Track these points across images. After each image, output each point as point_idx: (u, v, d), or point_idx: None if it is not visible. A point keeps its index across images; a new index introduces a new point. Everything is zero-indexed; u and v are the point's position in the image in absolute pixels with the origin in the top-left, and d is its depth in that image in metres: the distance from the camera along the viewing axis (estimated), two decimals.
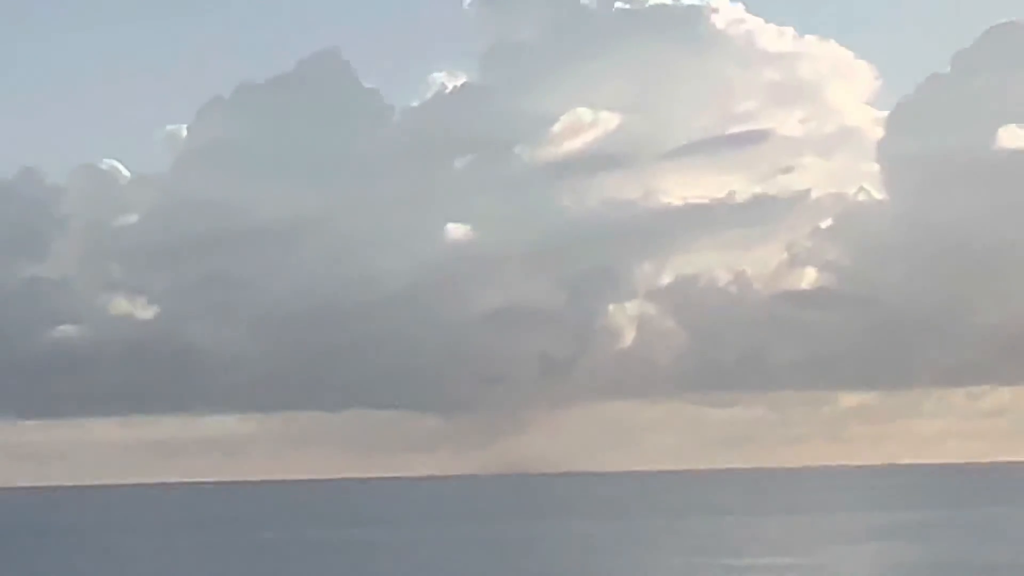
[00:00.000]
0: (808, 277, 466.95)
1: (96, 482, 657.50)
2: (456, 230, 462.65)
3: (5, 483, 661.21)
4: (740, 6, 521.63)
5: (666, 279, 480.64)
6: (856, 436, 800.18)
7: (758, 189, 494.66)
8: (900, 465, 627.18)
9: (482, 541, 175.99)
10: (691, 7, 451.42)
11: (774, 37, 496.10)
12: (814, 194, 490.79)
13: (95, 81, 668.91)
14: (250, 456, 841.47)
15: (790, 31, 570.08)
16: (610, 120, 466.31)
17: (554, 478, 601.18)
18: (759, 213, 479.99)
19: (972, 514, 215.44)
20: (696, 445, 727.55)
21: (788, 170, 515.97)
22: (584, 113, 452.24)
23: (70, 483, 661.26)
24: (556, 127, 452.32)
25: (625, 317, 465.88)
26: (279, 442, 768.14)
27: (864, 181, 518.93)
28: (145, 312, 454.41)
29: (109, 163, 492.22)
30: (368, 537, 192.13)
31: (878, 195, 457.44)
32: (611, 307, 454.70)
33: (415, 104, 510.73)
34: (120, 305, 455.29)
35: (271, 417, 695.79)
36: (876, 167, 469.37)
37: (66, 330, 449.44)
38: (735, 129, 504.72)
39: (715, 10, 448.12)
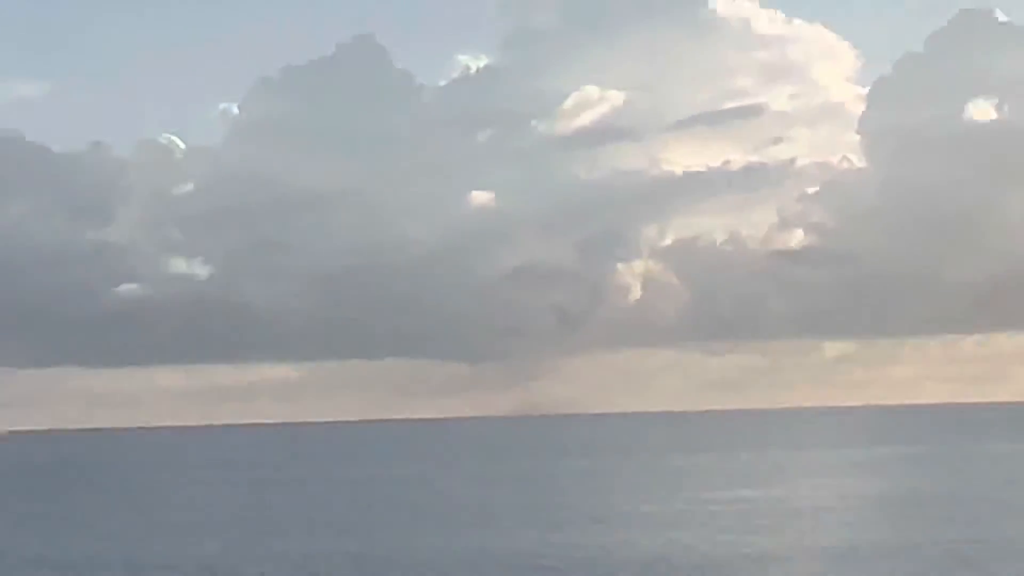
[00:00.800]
0: (796, 237, 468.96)
1: (160, 424, 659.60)
2: (479, 197, 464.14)
3: (79, 425, 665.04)
4: None
5: (668, 240, 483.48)
6: (839, 381, 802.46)
7: (751, 158, 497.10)
8: (879, 406, 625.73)
9: (502, 476, 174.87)
10: None
11: (766, 21, 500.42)
12: (801, 162, 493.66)
13: (155, 64, 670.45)
14: (297, 400, 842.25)
15: (780, 15, 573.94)
16: (617, 97, 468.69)
17: (568, 419, 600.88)
18: (752, 180, 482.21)
19: (942, 450, 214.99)
20: (696, 389, 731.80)
21: (778, 141, 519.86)
22: (592, 91, 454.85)
23: (137, 425, 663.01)
24: (568, 103, 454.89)
25: (632, 274, 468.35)
26: (322, 388, 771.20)
27: (847, 151, 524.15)
28: (201, 271, 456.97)
29: (168, 138, 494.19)
30: (403, 473, 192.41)
31: (859, 163, 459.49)
32: (619, 265, 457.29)
33: (442, 83, 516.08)
34: (179, 265, 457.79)
35: (316, 365, 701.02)
36: (857, 138, 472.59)
37: (131, 288, 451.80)
38: (730, 104, 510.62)
39: None
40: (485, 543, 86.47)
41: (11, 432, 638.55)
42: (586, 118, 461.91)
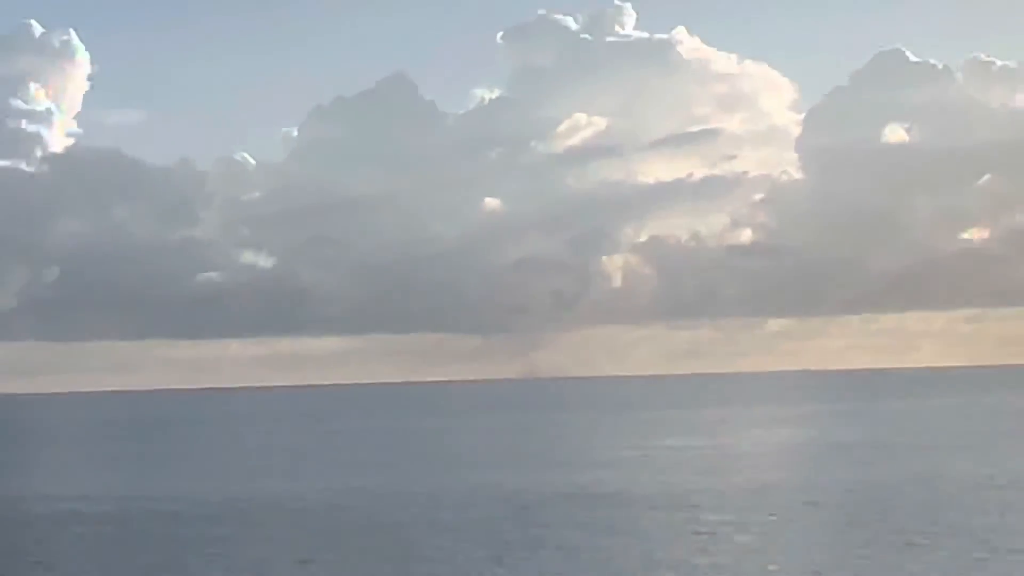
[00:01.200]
0: (745, 235, 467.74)
1: (233, 385, 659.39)
2: (490, 203, 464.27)
3: (168, 387, 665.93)
4: (697, 39, 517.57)
5: (643, 237, 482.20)
6: (780, 350, 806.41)
7: (710, 172, 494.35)
8: (812, 371, 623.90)
9: (508, 428, 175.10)
10: (662, 40, 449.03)
11: (722, 62, 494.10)
12: (750, 175, 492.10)
13: (231, 95, 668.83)
14: (345, 366, 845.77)
15: (734, 57, 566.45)
16: (600, 122, 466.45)
17: (562, 381, 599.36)
18: (710, 189, 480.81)
19: (862, 407, 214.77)
20: (664, 357, 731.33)
21: (731, 158, 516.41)
22: (581, 117, 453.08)
23: (214, 386, 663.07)
24: (562, 127, 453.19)
25: (614, 265, 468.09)
26: (364, 356, 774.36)
27: (787, 166, 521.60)
28: (266, 262, 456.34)
29: (241, 155, 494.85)
30: (429, 425, 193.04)
31: (797, 176, 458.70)
32: (604, 258, 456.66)
33: (461, 112, 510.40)
34: (248, 257, 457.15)
35: (359, 338, 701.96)
36: (795, 155, 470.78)
37: (209, 276, 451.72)
38: (693, 128, 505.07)
39: (680, 42, 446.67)
40: (491, 479, 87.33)
41: (113, 391, 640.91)
42: (577, 139, 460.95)
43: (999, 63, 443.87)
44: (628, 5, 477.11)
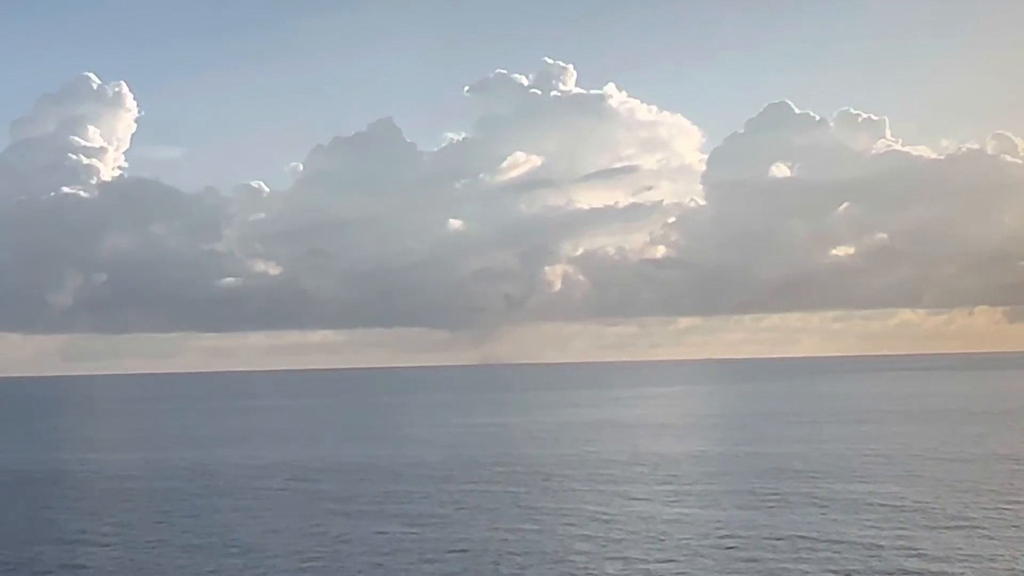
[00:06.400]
0: (660, 251, 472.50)
1: (249, 369, 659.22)
2: (455, 223, 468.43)
3: (195, 370, 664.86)
4: (625, 93, 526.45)
5: (579, 251, 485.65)
6: (688, 343, 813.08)
7: (632, 200, 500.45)
8: (714, 360, 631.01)
9: (471, 402, 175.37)
10: (596, 94, 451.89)
11: (644, 111, 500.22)
12: (664, 203, 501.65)
13: (249, 136, 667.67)
14: (338, 354, 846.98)
15: (654, 108, 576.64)
16: (545, 160, 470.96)
17: (514, 367, 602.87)
18: (632, 214, 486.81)
19: (751, 387, 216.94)
20: (595, 348, 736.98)
21: (650, 189, 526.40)
22: (532, 156, 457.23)
23: (234, 370, 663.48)
24: (515, 163, 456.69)
25: (555, 274, 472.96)
26: (355, 346, 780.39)
27: (694, 196, 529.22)
28: (274, 270, 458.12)
29: (257, 183, 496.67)
30: (408, 401, 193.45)
31: (702, 203, 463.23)
32: (547, 268, 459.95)
33: (435, 151, 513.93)
34: (259, 266, 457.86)
35: (350, 331, 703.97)
36: (701, 187, 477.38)
37: (229, 281, 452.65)
38: (619, 165, 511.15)
39: (610, 96, 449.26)
40: (456, 443, 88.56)
41: (152, 374, 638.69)
42: (525, 172, 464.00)
43: (863, 116, 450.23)
44: (570, 66, 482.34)
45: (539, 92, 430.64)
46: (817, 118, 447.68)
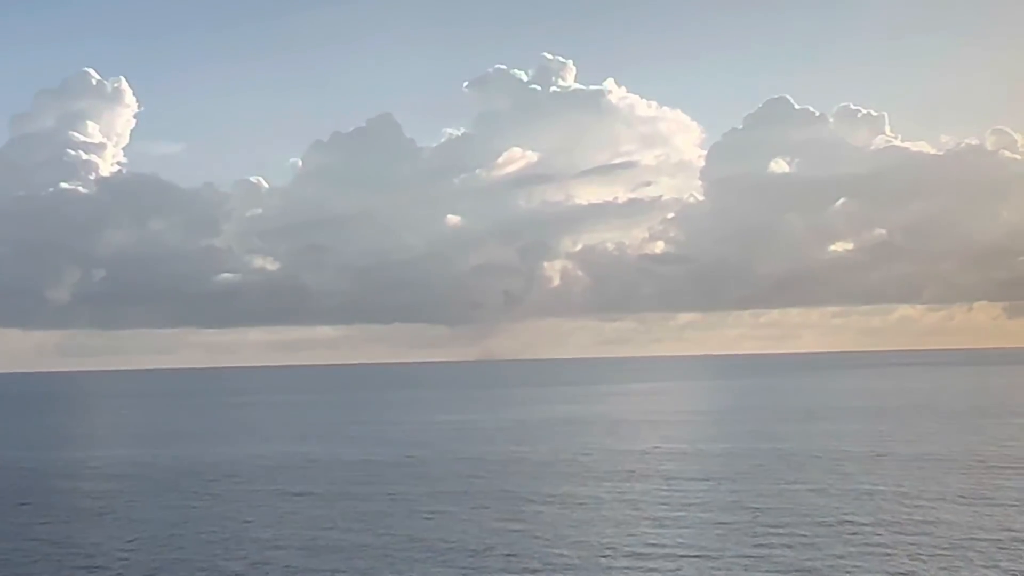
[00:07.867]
0: (660, 246, 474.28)
1: (248, 364, 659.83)
2: (454, 218, 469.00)
3: (197, 365, 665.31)
4: (624, 89, 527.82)
5: (578, 247, 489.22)
6: (687, 338, 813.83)
7: (631, 195, 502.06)
8: (714, 355, 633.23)
9: (469, 397, 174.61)
10: (596, 89, 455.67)
11: (644, 107, 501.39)
12: (664, 198, 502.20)
13: (248, 131, 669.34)
14: (336, 349, 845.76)
15: (654, 103, 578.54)
16: (545, 156, 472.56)
17: (512, 362, 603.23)
18: (632, 209, 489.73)
19: (747, 383, 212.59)
20: (594, 344, 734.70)
21: (649, 184, 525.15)
22: (530, 152, 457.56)
23: (235, 365, 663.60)
24: (514, 159, 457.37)
25: (553, 270, 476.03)
26: (353, 342, 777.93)
27: (693, 191, 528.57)
28: (273, 266, 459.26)
29: (256, 178, 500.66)
30: (410, 397, 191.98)
31: (701, 199, 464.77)
32: (546, 264, 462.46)
33: (434, 146, 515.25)
34: (258, 261, 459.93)
35: (349, 327, 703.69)
36: (700, 183, 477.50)
37: (228, 276, 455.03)
38: (618, 160, 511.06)
39: (610, 91, 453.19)
40: (456, 436, 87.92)
41: (150, 369, 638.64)
42: (525, 167, 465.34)
43: (863, 111, 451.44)
44: (569, 62, 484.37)
45: (538, 88, 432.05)
46: (816, 113, 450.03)
